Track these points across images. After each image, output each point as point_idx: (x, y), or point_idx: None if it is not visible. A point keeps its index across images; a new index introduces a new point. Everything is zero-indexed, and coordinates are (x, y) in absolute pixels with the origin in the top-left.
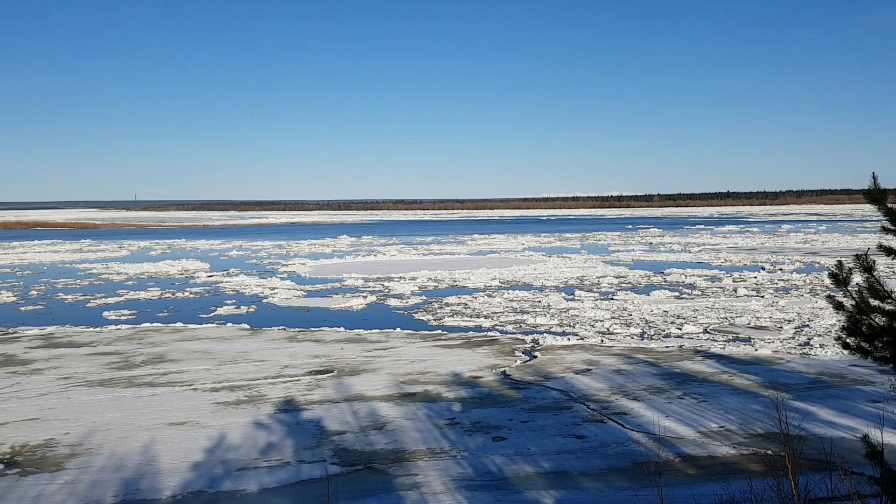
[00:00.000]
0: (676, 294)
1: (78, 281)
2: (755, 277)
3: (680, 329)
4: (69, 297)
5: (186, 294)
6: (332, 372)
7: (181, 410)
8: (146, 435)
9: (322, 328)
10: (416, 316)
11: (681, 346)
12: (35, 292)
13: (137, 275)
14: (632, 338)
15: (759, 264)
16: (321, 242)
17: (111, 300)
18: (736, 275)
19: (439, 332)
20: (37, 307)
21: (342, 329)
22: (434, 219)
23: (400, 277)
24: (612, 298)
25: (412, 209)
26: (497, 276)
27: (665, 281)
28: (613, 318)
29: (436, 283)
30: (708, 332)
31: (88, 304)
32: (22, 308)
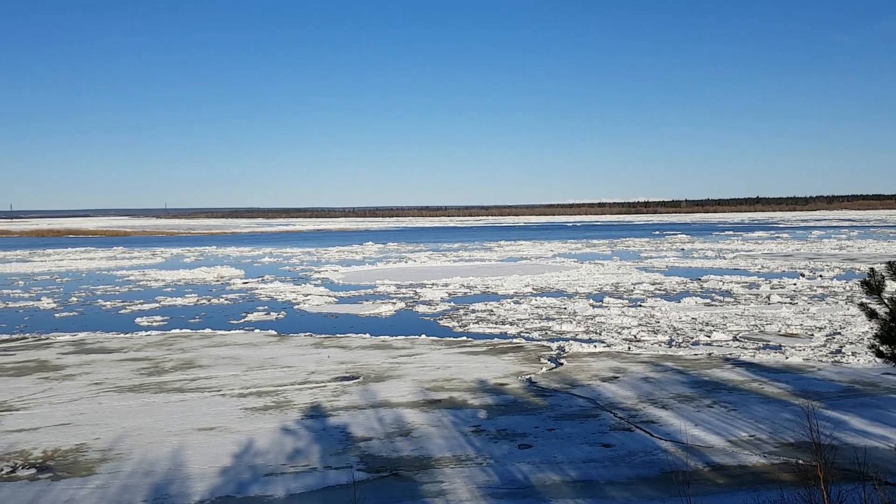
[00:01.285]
0: (706, 301)
1: (117, 288)
2: (794, 284)
3: (709, 336)
4: (108, 303)
5: (222, 300)
6: (357, 378)
7: (210, 416)
8: (175, 440)
9: (348, 335)
10: (441, 323)
11: (710, 354)
12: (75, 299)
13: (174, 281)
14: (659, 345)
15: (798, 271)
16: (349, 249)
17: (146, 307)
18: (775, 281)
19: (464, 338)
20: (71, 314)
21: (368, 335)
22: (459, 225)
23: (433, 284)
24: (640, 305)
25: (437, 216)
26: (530, 282)
27: (702, 288)
28: (641, 325)
29: (468, 290)
30: (737, 340)
31: (122, 311)
32: (57, 315)
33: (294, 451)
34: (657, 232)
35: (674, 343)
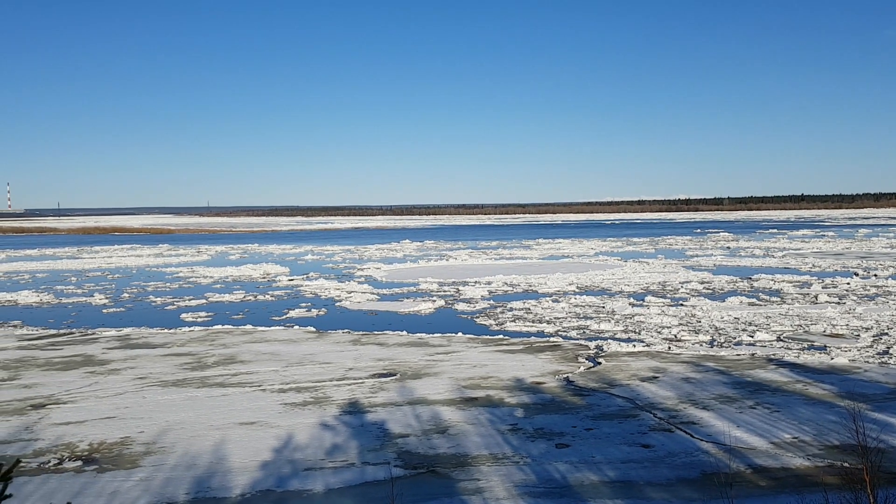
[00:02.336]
0: (751, 300)
1: (167, 284)
2: (847, 283)
3: (752, 337)
4: (158, 299)
5: (267, 297)
6: (394, 375)
7: (251, 410)
8: (217, 434)
9: (385, 332)
10: (478, 321)
11: (752, 355)
12: (126, 295)
13: (222, 278)
14: (700, 345)
15: (851, 270)
16: (388, 247)
17: (194, 302)
18: (827, 281)
19: (501, 336)
20: (118, 310)
21: (405, 333)
22: (496, 223)
23: (475, 282)
24: (681, 305)
25: (474, 214)
26: (574, 281)
27: (752, 287)
28: (681, 324)
29: (511, 288)
30: (781, 340)
31: (168, 307)
32: (105, 311)
33: (333, 447)
34: (699, 230)
35: (715, 343)
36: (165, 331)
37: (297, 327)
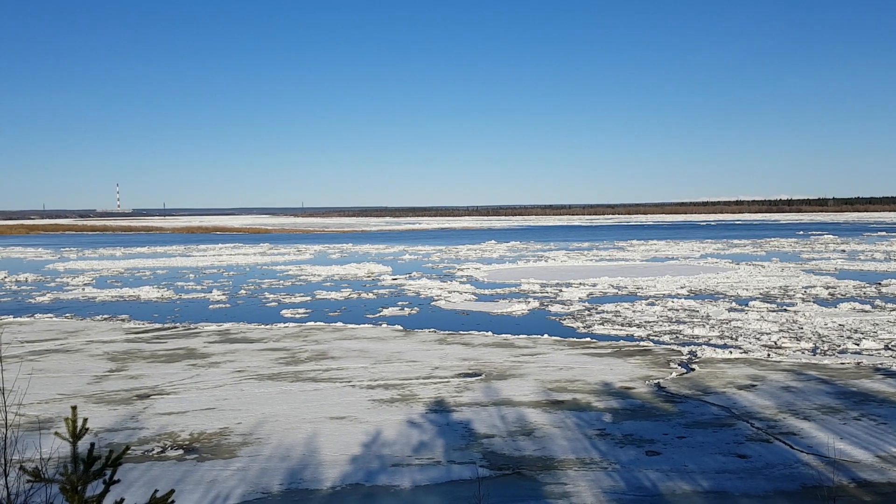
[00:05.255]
0: (863, 306)
1: (281, 282)
2: None
3: (857, 344)
4: (271, 296)
5: (371, 295)
6: (480, 375)
7: (341, 406)
8: (309, 427)
9: (471, 332)
10: (565, 323)
11: (858, 363)
12: (244, 291)
13: (329, 276)
14: (802, 353)
15: None
16: (480, 248)
17: (298, 299)
18: None
19: (588, 339)
20: (221, 306)
21: (490, 333)
22: (585, 224)
23: (579, 283)
24: (783, 310)
25: (562, 214)
26: (685, 283)
27: (879, 292)
28: (781, 330)
29: (616, 290)
30: (889, 349)
31: (269, 304)
32: (209, 306)
33: (419, 444)
34: (801, 232)
35: (818, 351)
36: (262, 326)
37: (385, 325)
